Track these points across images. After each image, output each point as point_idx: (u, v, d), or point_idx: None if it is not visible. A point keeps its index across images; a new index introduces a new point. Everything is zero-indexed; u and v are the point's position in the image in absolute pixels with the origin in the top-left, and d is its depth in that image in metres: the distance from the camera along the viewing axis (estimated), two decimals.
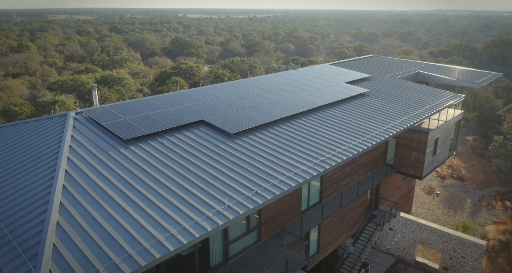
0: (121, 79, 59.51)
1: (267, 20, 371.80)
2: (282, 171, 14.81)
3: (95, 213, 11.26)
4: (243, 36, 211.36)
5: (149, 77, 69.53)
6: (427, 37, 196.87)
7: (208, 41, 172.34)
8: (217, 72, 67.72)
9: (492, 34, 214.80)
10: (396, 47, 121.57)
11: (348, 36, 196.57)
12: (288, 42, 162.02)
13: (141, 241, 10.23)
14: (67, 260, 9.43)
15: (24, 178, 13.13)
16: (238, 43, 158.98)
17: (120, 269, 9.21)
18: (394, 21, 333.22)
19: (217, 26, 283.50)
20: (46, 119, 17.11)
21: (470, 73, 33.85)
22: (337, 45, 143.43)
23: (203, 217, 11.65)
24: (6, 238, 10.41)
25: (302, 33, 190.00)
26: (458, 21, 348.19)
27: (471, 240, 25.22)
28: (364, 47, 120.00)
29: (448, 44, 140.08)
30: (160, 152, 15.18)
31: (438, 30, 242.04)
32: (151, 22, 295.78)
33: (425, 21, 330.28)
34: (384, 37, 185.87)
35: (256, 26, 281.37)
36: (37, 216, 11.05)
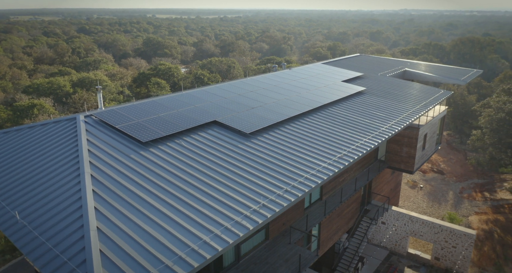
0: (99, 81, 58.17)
1: (238, 20, 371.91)
2: (305, 168, 15.16)
3: (133, 217, 11.10)
4: (215, 36, 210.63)
5: (127, 79, 68.24)
6: (395, 36, 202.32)
7: (181, 42, 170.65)
8: (197, 73, 67.29)
9: (456, 32, 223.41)
10: (369, 46, 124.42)
11: (320, 35, 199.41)
12: (261, 42, 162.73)
13: (188, 243, 10.20)
14: (118, 265, 9.28)
15: (47, 184, 12.73)
16: (211, 44, 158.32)
17: (175, 271, 9.18)
18: (362, 21, 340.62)
19: (188, 26, 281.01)
20: (54, 124, 16.60)
21: (452, 70, 35.24)
22: (311, 45, 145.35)
23: (242, 216, 11.84)
24: (45, 246, 10.11)
25: (275, 33, 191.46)
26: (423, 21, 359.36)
27: (461, 230, 26.31)
28: (337, 47, 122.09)
29: (417, 42, 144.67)
30: (181, 153, 15.08)
31: (405, 29, 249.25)
32: (120, 22, 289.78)
33: (392, 20, 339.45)
34: (355, 37, 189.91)
35: (227, 26, 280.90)
36: (74, 222, 10.77)
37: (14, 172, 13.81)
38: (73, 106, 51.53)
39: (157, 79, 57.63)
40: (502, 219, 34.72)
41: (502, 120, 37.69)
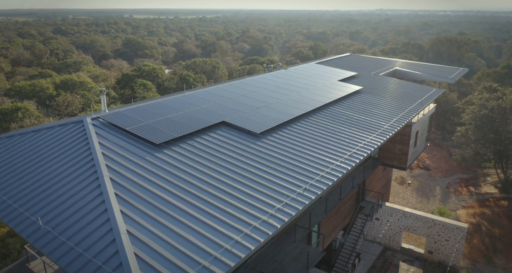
0: (82, 83, 57.14)
1: (217, 21, 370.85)
2: (319, 167, 15.46)
3: (161, 219, 11.07)
4: (195, 36, 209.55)
5: (111, 80, 67.23)
6: (374, 36, 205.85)
7: (161, 42, 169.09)
8: (182, 74, 66.83)
9: (432, 32, 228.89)
10: (349, 46, 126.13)
11: (300, 35, 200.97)
12: (243, 42, 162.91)
13: (221, 243, 10.26)
14: (155, 267, 9.25)
15: (64, 188, 12.49)
16: (192, 44, 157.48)
17: (213, 272, 9.22)
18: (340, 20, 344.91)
19: (167, 26, 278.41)
20: (60, 127, 16.26)
21: (440, 69, 36.23)
22: (292, 45, 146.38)
23: (267, 215, 11.97)
24: (75, 251, 9.96)
25: (255, 33, 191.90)
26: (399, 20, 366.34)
27: (453, 223, 27.12)
28: (319, 47, 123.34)
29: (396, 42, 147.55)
30: (196, 154, 15.07)
31: (382, 29, 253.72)
32: (97, 23, 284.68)
33: (369, 20, 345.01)
34: (335, 36, 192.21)
35: (207, 27, 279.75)
36: (101, 226, 10.64)
37: (27, 177, 13.50)
38: (57, 109, 50.45)
39: (143, 81, 56.99)
40: (488, 212, 35.90)
41: (485, 117, 38.93)
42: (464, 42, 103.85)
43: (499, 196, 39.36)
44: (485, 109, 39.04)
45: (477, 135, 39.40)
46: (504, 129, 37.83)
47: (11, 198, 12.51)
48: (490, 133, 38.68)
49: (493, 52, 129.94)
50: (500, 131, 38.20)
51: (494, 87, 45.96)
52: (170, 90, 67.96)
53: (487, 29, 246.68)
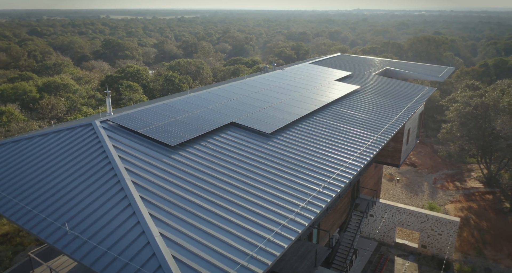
0: (66, 85, 56.04)
1: (196, 21, 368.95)
2: (333, 165, 15.80)
3: (192, 221, 11.08)
4: (175, 37, 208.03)
5: (94, 82, 66.13)
6: (353, 36, 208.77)
7: (141, 43, 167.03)
8: (168, 75, 66.32)
9: (409, 31, 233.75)
10: (330, 46, 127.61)
11: (280, 36, 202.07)
12: (224, 42, 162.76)
13: (255, 242, 10.40)
14: (195, 269, 9.29)
15: (85, 192, 12.30)
16: (173, 45, 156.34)
17: (253, 271, 9.34)
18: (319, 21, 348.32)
19: (146, 27, 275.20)
20: (68, 131, 15.97)
21: (428, 68, 37.21)
22: (274, 45, 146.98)
23: (294, 213, 12.19)
24: (108, 255, 9.87)
25: (236, 33, 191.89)
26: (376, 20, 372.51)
27: (446, 218, 27.94)
28: (301, 47, 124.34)
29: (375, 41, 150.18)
30: (213, 155, 15.12)
31: (360, 28, 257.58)
32: (73, 24, 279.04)
33: (347, 20, 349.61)
34: (315, 37, 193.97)
35: (186, 27, 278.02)
36: (132, 230, 10.56)
37: (42, 182, 13.23)
38: (41, 112, 49.35)
39: (129, 82, 56.29)
40: (475, 206, 37.08)
41: (469, 114, 40.17)
42: (442, 41, 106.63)
43: (483, 190, 40.69)
44: (469, 107, 40.29)
45: (462, 131, 40.62)
46: (487, 125, 39.14)
47: (29, 204, 12.27)
48: (474, 130, 39.95)
49: (468, 51, 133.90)
50: (483, 128, 39.51)
51: (476, 85, 47.47)
52: (156, 92, 67.35)
53: (461, 29, 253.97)
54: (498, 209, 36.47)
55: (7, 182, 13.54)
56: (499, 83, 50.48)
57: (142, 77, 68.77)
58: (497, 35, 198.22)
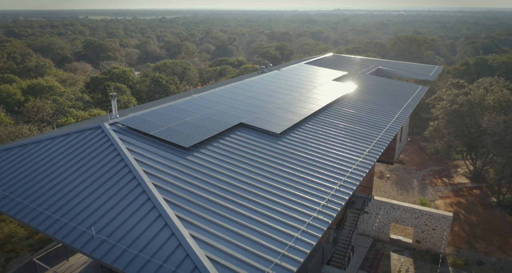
0: (51, 87, 55.02)
1: (178, 21, 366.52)
2: (345, 163, 16.20)
3: (220, 222, 11.20)
4: (157, 37, 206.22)
5: (79, 84, 65.09)
6: (335, 36, 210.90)
7: (123, 44, 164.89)
8: (155, 76, 65.81)
9: (389, 31, 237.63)
10: (314, 46, 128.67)
11: (263, 36, 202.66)
12: (207, 43, 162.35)
13: (284, 241, 10.59)
14: (231, 268, 9.39)
15: (105, 195, 12.20)
16: (156, 45, 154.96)
17: (287, 269, 9.51)
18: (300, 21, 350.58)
19: (127, 28, 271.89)
20: (77, 134, 15.76)
21: (417, 67, 38.09)
22: (257, 45, 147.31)
23: (316, 212, 12.47)
24: (141, 258, 9.84)
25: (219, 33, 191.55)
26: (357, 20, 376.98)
27: (439, 213, 28.68)
28: (285, 47, 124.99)
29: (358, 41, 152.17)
30: (227, 156, 15.24)
31: (342, 28, 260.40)
32: (51, 24, 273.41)
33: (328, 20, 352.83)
34: (298, 37, 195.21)
35: (168, 28, 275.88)
36: (160, 232, 10.59)
37: (58, 186, 13.02)
38: (27, 115, 48.33)
39: (116, 84, 55.64)
40: (463, 201, 38.12)
41: (456, 111, 41.26)
42: (423, 40, 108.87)
43: (470, 185, 41.86)
44: (456, 105, 41.37)
45: (449, 129, 41.69)
46: (473, 122, 40.28)
47: (48, 209, 12.10)
48: (461, 127, 41.06)
49: (447, 50, 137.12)
50: (469, 125, 40.64)
51: (461, 83, 48.78)
52: (142, 93, 66.76)
53: (439, 28, 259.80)
54: (486, 204, 37.58)
55: (21, 187, 13.30)
56: (481, 81, 51.99)
57: (128, 78, 68.01)
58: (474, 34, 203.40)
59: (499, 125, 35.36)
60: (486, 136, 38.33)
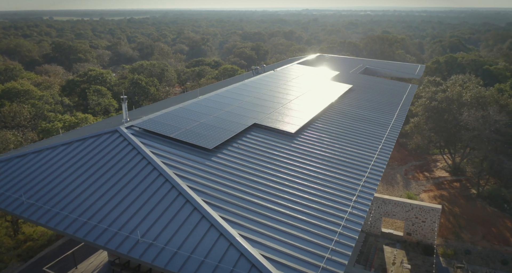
0: (27, 91, 53.26)
1: (147, 22, 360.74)
2: (362, 160, 16.74)
3: (264, 221, 11.45)
4: (128, 38, 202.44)
5: (55, 87, 63.25)
6: (307, 35, 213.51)
7: (93, 45, 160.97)
8: (134, 78, 64.81)
9: (358, 31, 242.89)
10: (289, 46, 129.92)
11: (236, 36, 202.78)
12: (180, 43, 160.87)
13: (329, 236, 10.89)
14: (288, 265, 9.61)
15: (140, 200, 12.04)
16: (128, 46, 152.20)
17: (339, 263, 9.83)
18: (271, 21, 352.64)
19: (95, 29, 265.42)
20: (93, 138, 15.43)
21: (402, 66, 39.41)
22: (231, 45, 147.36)
23: (350, 207, 12.93)
24: (193, 259, 9.87)
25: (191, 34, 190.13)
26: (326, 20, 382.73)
27: (429, 206, 29.87)
28: (260, 47, 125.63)
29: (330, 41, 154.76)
30: (250, 157, 15.44)
31: (312, 28, 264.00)
32: (15, 26, 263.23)
33: (299, 20, 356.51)
34: (270, 37, 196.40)
35: (138, 28, 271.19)
36: (207, 233, 10.75)
37: (86, 192, 12.72)
38: (3, 121, 46.62)
39: (97, 87, 54.49)
40: (446, 194, 39.75)
41: (435, 108, 42.94)
42: (394, 40, 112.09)
43: (451, 179, 43.67)
44: (435, 101, 43.05)
45: (429, 125, 43.34)
46: (452, 118, 42.04)
47: (82, 215, 11.87)
48: (441, 123, 42.77)
49: (416, 49, 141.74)
50: (448, 121, 42.40)
51: (438, 80, 50.74)
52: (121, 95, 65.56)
53: (406, 28, 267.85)
54: (466, 195, 39.34)
55: (46, 194, 12.91)
56: (454, 79, 54.24)
57: (105, 80, 66.67)
58: (439, 33, 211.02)
59: (478, 121, 37.11)
60: (464, 131, 40.12)
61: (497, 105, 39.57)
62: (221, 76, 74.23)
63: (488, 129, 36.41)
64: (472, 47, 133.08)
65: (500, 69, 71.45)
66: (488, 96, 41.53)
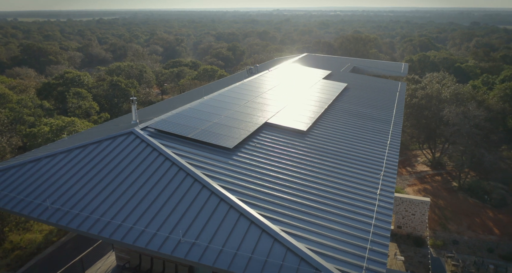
0: (2, 95, 51.43)
1: (117, 23, 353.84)
2: (377, 156, 17.06)
3: (303, 217, 11.77)
4: (99, 40, 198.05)
5: (30, 90, 61.32)
6: (280, 36, 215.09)
7: (63, 47, 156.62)
8: (113, 79, 63.63)
9: (330, 30, 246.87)
10: (265, 46, 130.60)
11: (210, 36, 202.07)
12: (154, 44, 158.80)
13: (366, 229, 11.23)
14: (337, 258, 9.83)
15: (172, 200, 11.98)
16: (99, 48, 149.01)
17: (383, 252, 10.18)
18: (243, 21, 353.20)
19: (63, 30, 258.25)
20: (108, 141, 15.11)
21: (387, 64, 40.55)
22: (207, 46, 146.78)
23: (377, 200, 13.36)
24: (241, 256, 9.99)
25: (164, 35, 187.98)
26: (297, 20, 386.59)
27: (418, 199, 30.94)
28: (237, 47, 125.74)
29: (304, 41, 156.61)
30: (269, 155, 15.60)
31: (285, 29, 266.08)
32: None
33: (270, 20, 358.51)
34: (245, 37, 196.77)
35: (108, 29, 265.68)
36: (249, 231, 11.07)
37: (114, 195, 12.45)
38: None
39: (77, 89, 53.22)
40: (429, 187, 41.21)
41: (416, 105, 44.43)
42: (368, 39, 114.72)
43: (432, 173, 45.29)
44: (415, 98, 44.54)
45: (411, 121, 44.81)
46: (432, 114, 43.63)
47: (115, 218, 11.67)
48: (421, 119, 44.31)
49: (387, 48, 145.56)
50: (428, 117, 43.98)
51: (417, 78, 52.45)
52: (100, 98, 64.17)
53: (376, 27, 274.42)
54: (448, 188, 40.93)
55: (70, 199, 12.59)
56: (430, 77, 56.20)
57: (83, 83, 65.11)
58: (408, 32, 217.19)
59: (458, 116, 38.69)
60: (444, 127, 41.72)
61: (474, 101, 41.37)
62: (201, 77, 73.95)
63: (468, 124, 38.00)
64: (441, 46, 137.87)
65: (470, 66, 74.50)
66: (466, 93, 43.36)
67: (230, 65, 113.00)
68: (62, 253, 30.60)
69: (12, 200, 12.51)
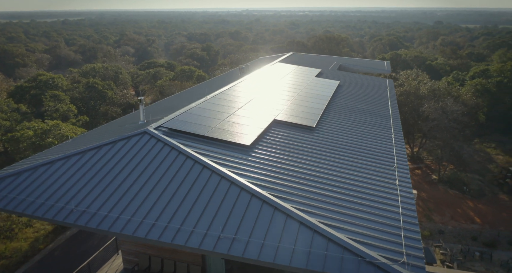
0: None
1: (84, 23, 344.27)
2: (386, 149, 17.53)
3: (337, 209, 12.13)
4: (66, 41, 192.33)
5: (2, 94, 59.04)
6: (252, 36, 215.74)
7: (29, 49, 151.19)
8: (90, 81, 62.13)
9: (301, 30, 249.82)
10: (240, 46, 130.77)
11: (181, 37, 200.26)
12: (125, 45, 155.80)
13: (396, 217, 11.63)
14: (379, 246, 10.16)
15: (202, 199, 11.97)
16: (68, 49, 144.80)
17: (414, 238, 10.62)
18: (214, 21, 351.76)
19: (27, 31, 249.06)
20: (122, 141, 14.75)
21: (371, 62, 41.60)
22: (179, 47, 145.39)
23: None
24: (283, 249, 10.13)
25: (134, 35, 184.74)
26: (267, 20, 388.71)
27: None
28: (211, 47, 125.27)
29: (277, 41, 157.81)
30: (285, 150, 15.82)
31: (256, 29, 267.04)
32: None
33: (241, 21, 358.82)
34: (217, 37, 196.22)
35: (75, 30, 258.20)
36: (286, 224, 11.23)
37: (141, 195, 12.24)
38: None
39: (54, 92, 51.68)
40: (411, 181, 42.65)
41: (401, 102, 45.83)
42: (340, 39, 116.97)
43: (412, 167, 46.84)
44: (400, 96, 45.97)
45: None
46: (410, 110, 45.16)
47: (147, 217, 11.53)
48: (400, 115, 45.78)
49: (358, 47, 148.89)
50: (407, 113, 45.49)
51: (394, 76, 54.07)
52: (76, 101, 62.48)
53: (344, 27, 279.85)
54: (429, 181, 42.51)
55: (95, 201, 12.26)
56: (405, 74, 58.08)
57: (57, 85, 63.22)
58: (376, 32, 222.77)
59: (437, 111, 40.25)
60: (423, 122, 43.29)
61: (451, 97, 43.14)
62: (179, 78, 73.29)
63: (446, 119, 39.59)
64: (409, 45, 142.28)
65: (440, 64, 77.42)
66: (442, 89, 45.14)
67: (205, 66, 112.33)
68: (52, 261, 29.80)
69: (31, 204, 12.19)
